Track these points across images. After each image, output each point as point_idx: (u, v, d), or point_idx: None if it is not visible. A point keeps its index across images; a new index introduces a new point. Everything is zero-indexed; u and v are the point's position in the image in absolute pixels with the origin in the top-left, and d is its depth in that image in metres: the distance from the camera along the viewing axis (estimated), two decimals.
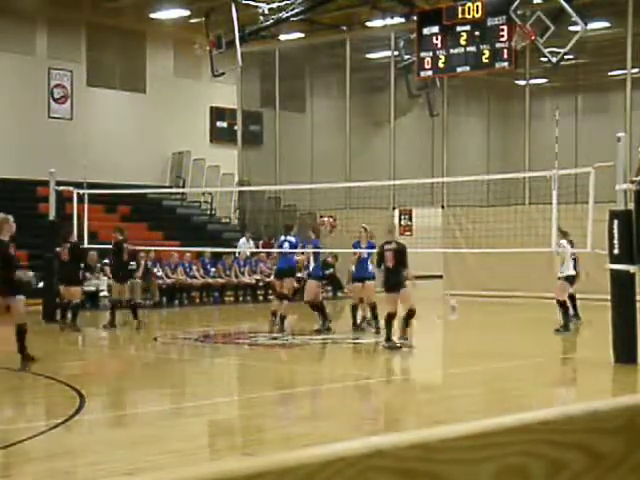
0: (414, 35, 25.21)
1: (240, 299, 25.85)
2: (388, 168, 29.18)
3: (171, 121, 31.78)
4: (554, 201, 14.35)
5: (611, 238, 12.49)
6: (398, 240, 15.29)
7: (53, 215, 19.06)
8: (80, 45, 30.19)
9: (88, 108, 30.31)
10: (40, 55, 29.23)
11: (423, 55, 24.52)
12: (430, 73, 24.87)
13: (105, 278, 22.12)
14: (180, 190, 31.34)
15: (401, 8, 27.51)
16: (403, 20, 27.93)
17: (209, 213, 31.93)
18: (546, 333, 17.19)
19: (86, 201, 19.29)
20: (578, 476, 1.64)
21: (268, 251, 26.61)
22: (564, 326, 16.64)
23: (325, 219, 20.97)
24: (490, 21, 22.92)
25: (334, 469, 1.34)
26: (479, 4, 23.12)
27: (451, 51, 23.80)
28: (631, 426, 1.72)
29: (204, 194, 31.73)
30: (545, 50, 21.71)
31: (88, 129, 29.71)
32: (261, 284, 26.13)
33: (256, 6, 26.06)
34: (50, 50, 29.38)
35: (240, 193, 31.27)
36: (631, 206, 12.50)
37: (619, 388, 11.40)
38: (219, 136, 33.59)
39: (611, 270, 12.64)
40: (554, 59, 21.63)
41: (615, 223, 12.45)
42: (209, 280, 25.06)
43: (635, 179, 12.53)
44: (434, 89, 29.41)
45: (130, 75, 31.56)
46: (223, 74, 27.33)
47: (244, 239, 26.52)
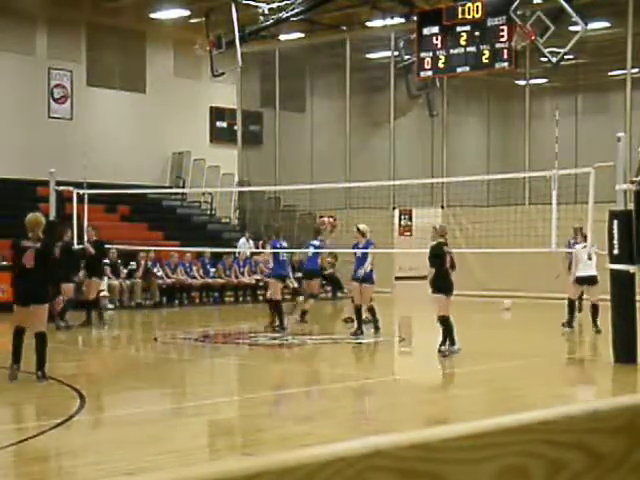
0: (414, 35, 25.21)
1: (240, 299, 25.85)
2: (388, 168, 29.18)
3: (171, 121, 31.78)
4: (554, 201, 14.34)
5: (611, 238, 12.50)
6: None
7: (53, 215, 19.04)
8: (80, 45, 30.19)
9: (88, 108, 30.30)
10: (40, 55, 29.22)
11: (423, 55, 24.52)
12: (430, 73, 24.87)
13: (105, 278, 22.08)
14: (180, 190, 31.34)
15: (401, 8, 27.52)
16: (403, 20, 27.94)
17: (209, 213, 31.92)
18: (546, 333, 17.19)
19: (86, 201, 19.28)
20: (578, 476, 1.64)
21: (269, 251, 26.61)
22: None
23: (325, 219, 21.00)
24: (490, 21, 22.92)
25: (334, 469, 1.34)
26: (479, 4, 23.12)
27: (451, 51, 23.80)
28: (631, 426, 1.72)
29: (204, 194, 31.72)
30: (545, 50, 21.71)
31: (88, 129, 29.70)
32: (261, 284, 26.11)
33: (256, 6, 26.06)
34: (50, 50, 29.38)
35: (240, 193, 31.27)
36: (631, 206, 12.50)
37: (619, 388, 11.40)
38: (219, 136, 33.59)
39: (611, 270, 12.64)
40: (554, 59, 21.63)
41: (615, 223, 12.45)
42: (209, 280, 25.06)
43: (635, 179, 12.53)
44: (434, 89, 29.42)
45: (130, 75, 31.56)
46: (223, 74, 27.33)
47: (244, 239, 26.52)
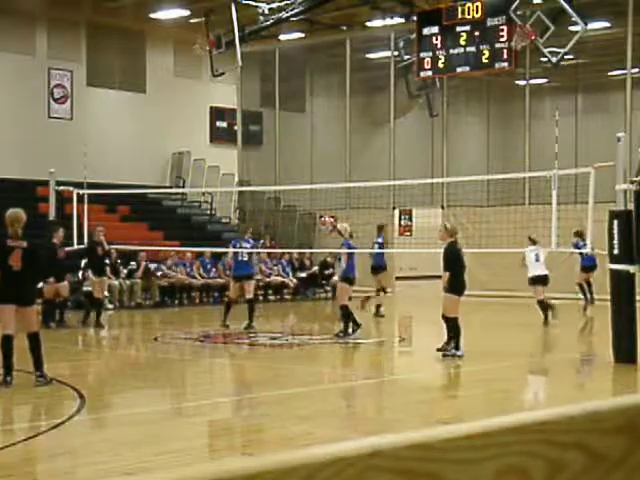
0: (414, 35, 25.21)
1: (240, 299, 25.80)
2: (388, 168, 29.17)
3: (171, 121, 31.78)
4: (554, 201, 14.35)
5: (611, 238, 12.50)
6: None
7: (53, 215, 19.04)
8: (80, 45, 30.19)
9: (88, 108, 30.31)
10: (40, 55, 29.22)
11: (423, 55, 24.52)
12: (430, 73, 24.87)
13: (105, 278, 22.06)
14: (180, 190, 31.35)
15: (401, 8, 27.52)
16: (403, 20, 27.95)
17: (209, 213, 31.93)
18: (546, 333, 17.20)
19: (86, 201, 19.28)
20: (578, 476, 1.64)
21: (269, 251, 26.63)
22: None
23: (326, 219, 21.00)
24: (490, 21, 22.92)
25: (334, 469, 1.34)
26: (479, 4, 23.11)
27: (451, 51, 23.80)
28: (631, 426, 1.72)
29: (204, 194, 31.73)
30: (545, 50, 21.71)
31: (88, 129, 29.70)
32: (261, 284, 26.11)
33: (256, 6, 26.06)
34: (50, 50, 29.38)
35: (240, 193, 31.26)
36: (631, 206, 12.50)
37: (619, 388, 11.41)
38: (219, 136, 33.60)
39: (611, 270, 12.64)
40: (554, 59, 21.63)
41: (615, 223, 12.46)
42: (209, 280, 25.06)
43: (635, 179, 12.53)
44: (434, 89, 29.43)
45: (130, 75, 31.56)
46: (223, 74, 27.33)
47: None
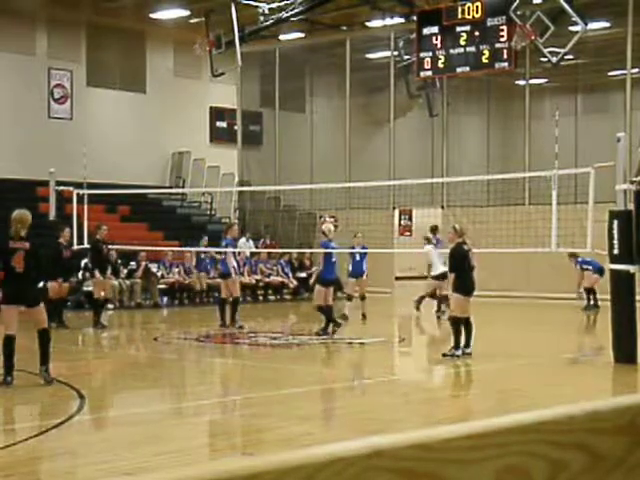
0: (414, 35, 25.20)
1: (240, 299, 25.81)
2: (388, 168, 29.17)
3: (171, 121, 31.78)
4: (554, 201, 14.35)
5: (611, 238, 12.50)
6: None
7: (53, 215, 19.04)
8: (80, 45, 30.19)
9: (88, 108, 30.31)
10: (40, 55, 29.23)
11: (423, 55, 24.50)
12: (430, 73, 24.86)
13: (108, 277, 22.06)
14: (180, 190, 31.34)
15: (401, 8, 27.51)
16: (403, 20, 27.94)
17: (209, 213, 31.93)
18: (546, 333, 17.20)
19: (86, 201, 19.28)
20: (578, 476, 1.64)
21: (269, 251, 26.65)
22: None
23: (327, 219, 21.01)
24: (490, 21, 22.90)
25: (334, 469, 1.34)
26: (479, 4, 23.10)
27: (451, 51, 23.79)
28: (631, 426, 1.72)
29: (204, 194, 31.73)
30: (545, 50, 21.69)
31: (88, 129, 29.70)
32: (261, 284, 26.12)
33: (256, 6, 26.06)
34: (50, 50, 29.38)
35: (240, 193, 31.26)
36: (631, 206, 12.50)
37: (619, 388, 11.41)
38: (219, 136, 33.60)
39: (611, 270, 12.64)
40: (554, 59, 21.62)
41: (615, 223, 12.45)
42: (209, 280, 25.05)
43: (635, 179, 12.53)
44: (434, 89, 29.42)
45: (130, 75, 31.56)
46: (223, 74, 27.33)
47: (244, 239, 26.51)
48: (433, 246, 20.50)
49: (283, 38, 30.78)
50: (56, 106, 29.63)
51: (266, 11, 25.93)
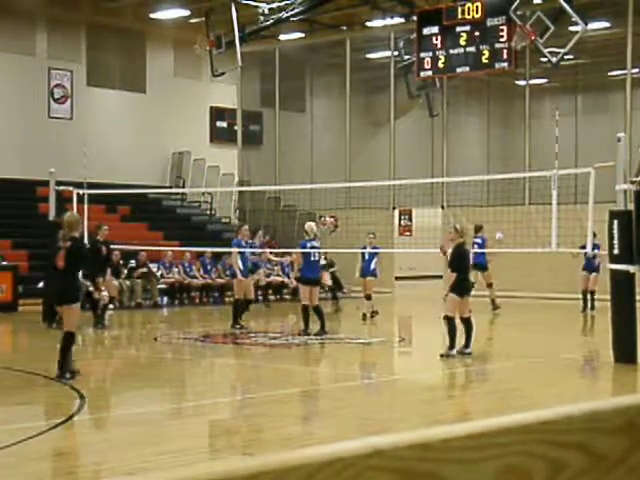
0: (414, 35, 25.20)
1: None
2: (388, 168, 29.18)
3: (171, 121, 31.78)
4: (554, 201, 14.35)
5: (611, 238, 12.50)
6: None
7: (53, 215, 19.03)
8: (80, 45, 30.19)
9: (88, 108, 30.30)
10: (40, 55, 29.22)
11: (423, 55, 24.49)
12: (430, 73, 24.85)
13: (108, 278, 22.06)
14: (180, 190, 31.35)
15: (401, 8, 27.51)
16: (403, 20, 27.94)
17: (209, 213, 31.93)
18: (546, 333, 17.20)
19: (86, 201, 19.27)
20: (578, 476, 1.64)
21: (270, 251, 26.60)
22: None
23: (327, 219, 21.02)
24: (490, 21, 22.89)
25: (334, 469, 1.34)
26: (479, 4, 23.10)
27: (451, 51, 23.78)
28: (631, 426, 1.72)
29: (204, 194, 31.73)
30: (545, 50, 21.69)
31: (88, 129, 29.69)
32: (261, 284, 26.08)
33: (256, 6, 26.06)
34: (50, 50, 29.38)
35: (240, 193, 31.27)
36: (631, 206, 12.50)
37: (619, 388, 11.41)
38: (219, 136, 33.59)
39: (611, 270, 12.64)
40: (554, 59, 21.62)
41: (615, 223, 12.45)
42: (209, 280, 25.07)
43: (635, 179, 12.53)
44: (434, 89, 29.41)
45: (130, 75, 31.56)
46: (223, 74, 27.32)
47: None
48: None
49: (283, 38, 30.79)
50: (56, 106, 29.63)
51: (266, 11, 25.92)
